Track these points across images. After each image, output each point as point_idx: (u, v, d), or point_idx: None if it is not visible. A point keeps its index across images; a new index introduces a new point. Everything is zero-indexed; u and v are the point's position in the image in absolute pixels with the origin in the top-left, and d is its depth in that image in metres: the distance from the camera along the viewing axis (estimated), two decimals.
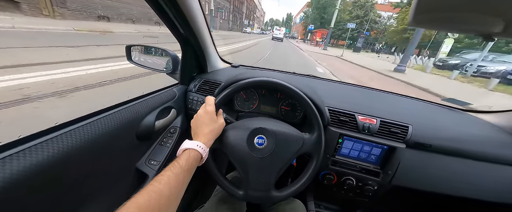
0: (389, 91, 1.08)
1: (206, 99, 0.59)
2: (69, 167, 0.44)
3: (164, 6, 0.60)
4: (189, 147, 0.48)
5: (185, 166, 0.43)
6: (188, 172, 0.44)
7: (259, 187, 0.58)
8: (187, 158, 0.45)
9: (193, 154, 0.47)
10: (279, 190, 0.60)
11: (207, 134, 0.53)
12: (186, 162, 0.44)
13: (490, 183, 0.74)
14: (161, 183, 0.37)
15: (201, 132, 0.53)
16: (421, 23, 0.38)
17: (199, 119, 0.55)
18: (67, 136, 0.43)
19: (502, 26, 0.36)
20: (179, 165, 0.42)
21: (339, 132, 0.75)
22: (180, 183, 0.40)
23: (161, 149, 0.75)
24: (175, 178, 0.39)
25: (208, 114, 0.55)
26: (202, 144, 0.50)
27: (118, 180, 0.61)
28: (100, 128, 0.50)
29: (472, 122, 0.89)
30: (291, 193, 0.61)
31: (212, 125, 0.54)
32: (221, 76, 0.97)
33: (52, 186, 0.41)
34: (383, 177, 0.76)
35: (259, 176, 0.57)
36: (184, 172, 0.42)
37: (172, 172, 0.40)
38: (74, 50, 4.28)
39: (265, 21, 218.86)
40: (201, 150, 0.49)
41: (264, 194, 0.58)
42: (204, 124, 0.54)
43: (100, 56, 3.93)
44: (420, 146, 0.73)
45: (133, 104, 0.63)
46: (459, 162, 0.74)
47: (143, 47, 0.91)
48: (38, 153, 0.38)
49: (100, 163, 0.52)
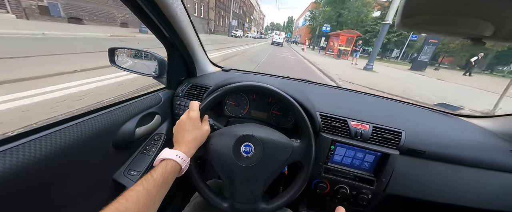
0: (381, 96, 1.07)
1: (190, 104, 0.55)
2: (31, 179, 0.39)
3: (145, 9, 0.57)
4: (167, 157, 0.44)
5: (159, 179, 0.39)
6: (163, 185, 0.40)
7: (245, 199, 0.54)
8: (163, 171, 0.41)
9: (170, 165, 0.43)
10: (267, 202, 0.57)
11: (189, 142, 0.49)
12: (161, 175, 0.40)
13: (484, 190, 0.72)
14: (129, 200, 0.33)
15: (182, 139, 0.50)
16: (408, 26, 0.37)
17: (181, 126, 0.52)
18: (29, 145, 0.39)
19: (491, 30, 0.35)
20: (153, 178, 0.39)
21: (331, 139, 0.73)
22: (152, 198, 0.36)
23: (143, 158, 0.70)
24: (145, 194, 0.36)
25: (191, 120, 0.51)
26: (182, 154, 0.46)
27: (92, 194, 0.56)
28: (70, 136, 0.46)
29: (464, 127, 0.88)
30: (281, 204, 0.57)
31: (195, 132, 0.51)
32: (210, 80, 0.94)
33: (10, 201, 0.37)
34: (377, 185, 0.73)
35: (246, 187, 0.54)
36: (158, 186, 0.38)
37: (143, 187, 0.36)
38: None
39: (266, 25, 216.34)
40: (181, 161, 0.45)
41: (251, 207, 0.54)
42: (186, 131, 0.50)
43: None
44: (413, 152, 0.71)
45: (109, 110, 0.59)
46: (453, 169, 0.72)
47: (129, 50, 0.88)
48: (5, 160, 0.34)
49: (70, 175, 0.48)
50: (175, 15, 0.64)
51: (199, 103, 0.57)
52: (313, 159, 0.58)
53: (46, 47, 4.79)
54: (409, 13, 0.36)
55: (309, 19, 40.67)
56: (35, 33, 5.89)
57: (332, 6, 28.64)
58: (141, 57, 0.90)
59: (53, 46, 5.00)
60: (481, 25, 0.35)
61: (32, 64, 3.22)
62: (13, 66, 2.97)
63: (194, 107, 0.54)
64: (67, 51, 4.68)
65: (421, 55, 14.24)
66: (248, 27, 71.44)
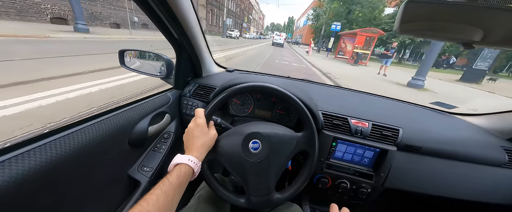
0: (380, 95, 1.11)
1: (195, 112, 0.59)
2: (58, 175, 0.42)
3: (157, 11, 0.60)
4: (180, 162, 0.48)
5: (175, 182, 0.42)
6: (179, 188, 0.43)
7: (259, 192, 0.58)
8: (178, 174, 0.44)
9: (184, 169, 0.46)
10: (280, 192, 0.61)
11: (199, 148, 0.53)
12: (176, 178, 0.43)
13: (477, 184, 0.77)
14: (150, 203, 0.36)
15: (192, 145, 0.53)
16: (406, 31, 0.40)
17: (190, 133, 0.55)
18: (56, 143, 0.42)
19: (480, 35, 0.39)
20: (169, 182, 0.42)
21: (332, 136, 0.77)
22: (170, 201, 0.40)
23: (155, 155, 0.74)
24: (164, 197, 0.39)
25: (199, 127, 0.55)
26: (193, 158, 0.49)
27: (109, 188, 0.59)
28: (91, 135, 0.49)
29: (459, 125, 0.93)
30: (293, 193, 0.61)
31: (203, 138, 0.54)
32: (215, 81, 0.98)
33: (41, 194, 0.40)
34: (376, 180, 0.77)
35: (259, 181, 0.57)
36: (174, 189, 0.42)
37: (161, 190, 0.39)
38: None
39: (266, 25, 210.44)
40: (193, 165, 0.48)
41: (266, 198, 0.58)
42: (195, 137, 0.54)
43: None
44: (410, 148, 0.76)
45: (125, 109, 0.62)
46: (447, 164, 0.77)
47: (137, 52, 0.90)
48: (27, 161, 0.37)
49: (90, 171, 0.51)
50: (186, 17, 0.67)
51: (203, 110, 0.60)
52: (317, 147, 0.62)
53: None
54: (407, 19, 0.40)
55: (311, 18, 37.12)
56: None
57: (339, 2, 24.45)
58: (149, 59, 0.93)
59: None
60: (472, 31, 0.39)
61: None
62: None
63: (199, 114, 0.57)
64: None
65: (478, 62, 10.30)
66: (247, 27, 66.38)
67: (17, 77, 2.63)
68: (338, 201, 0.70)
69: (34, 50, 4.53)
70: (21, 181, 0.35)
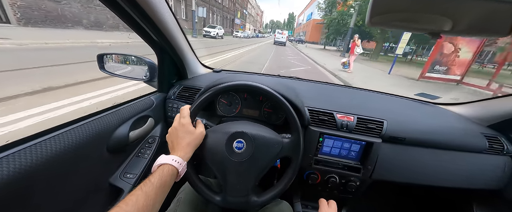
0: (365, 89, 1.13)
1: (180, 110, 0.57)
2: (30, 185, 0.40)
3: (131, 13, 0.58)
4: (164, 162, 0.46)
5: (157, 183, 0.41)
6: (161, 189, 0.42)
7: (237, 192, 0.57)
8: (161, 174, 0.43)
9: (167, 169, 0.45)
10: (258, 195, 0.60)
11: (184, 147, 0.51)
12: (158, 178, 0.42)
13: (460, 170, 0.79)
14: (129, 204, 0.35)
15: (178, 145, 0.51)
16: (377, 23, 0.41)
17: (173, 133, 0.53)
18: (26, 152, 0.40)
19: (450, 24, 0.39)
20: (151, 182, 0.40)
21: (319, 131, 0.77)
22: (151, 201, 0.38)
23: (138, 161, 0.72)
24: (144, 197, 0.37)
25: (184, 127, 0.53)
26: (178, 158, 0.48)
27: (90, 197, 0.57)
28: (65, 142, 0.47)
29: (441, 114, 0.95)
30: (271, 197, 0.60)
31: (188, 138, 0.52)
32: (201, 82, 0.96)
33: (12, 206, 0.38)
34: (364, 172, 0.78)
35: (238, 181, 0.56)
36: (156, 189, 0.40)
37: (142, 191, 0.38)
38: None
39: (265, 23, 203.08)
40: (177, 164, 0.47)
41: (243, 200, 0.57)
42: (179, 137, 0.52)
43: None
44: (395, 139, 0.77)
45: (103, 115, 0.60)
46: (431, 153, 0.78)
47: (117, 56, 0.88)
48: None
49: (66, 180, 0.49)
50: (161, 18, 0.65)
51: (189, 107, 0.58)
52: (301, 154, 0.61)
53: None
54: (377, 12, 0.40)
55: (324, 7, 25.49)
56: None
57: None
58: (130, 62, 0.90)
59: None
60: (441, 21, 0.40)
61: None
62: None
63: (184, 113, 0.55)
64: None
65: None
66: (241, 24, 52.54)
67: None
68: (329, 196, 0.71)
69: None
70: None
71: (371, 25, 0.40)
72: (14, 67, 3.32)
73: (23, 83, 2.56)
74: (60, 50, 5.54)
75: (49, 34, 7.25)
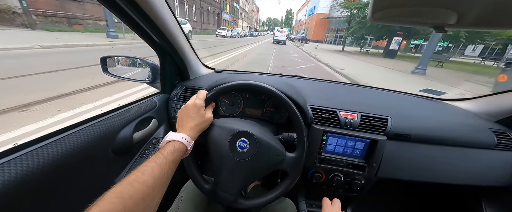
0: (368, 86, 1.11)
1: (198, 92, 0.58)
2: (37, 187, 0.41)
3: (132, 15, 0.58)
4: (174, 139, 0.47)
5: (169, 157, 0.42)
6: (173, 163, 0.43)
7: (226, 189, 0.57)
8: (172, 149, 0.44)
9: (178, 146, 0.46)
10: (245, 199, 0.60)
11: (192, 128, 0.52)
12: (171, 153, 0.43)
13: (469, 167, 0.77)
14: (145, 173, 0.36)
15: (186, 124, 0.52)
16: (379, 19, 0.40)
17: (186, 111, 0.54)
18: (33, 154, 0.41)
19: (455, 18, 0.38)
20: (164, 155, 0.41)
21: (322, 130, 0.76)
22: (165, 174, 0.39)
23: (143, 162, 0.72)
24: (159, 169, 0.38)
25: (196, 108, 0.54)
26: (187, 136, 0.49)
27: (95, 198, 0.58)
28: (69, 145, 0.48)
29: (448, 110, 0.93)
30: (259, 203, 0.59)
31: (197, 120, 0.53)
32: (204, 82, 0.96)
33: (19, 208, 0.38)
34: (369, 170, 0.77)
35: (231, 179, 0.57)
36: (169, 163, 0.41)
37: (156, 163, 0.39)
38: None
39: (262, 21, 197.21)
40: (186, 142, 0.48)
41: (230, 198, 0.57)
42: (190, 117, 0.53)
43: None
44: (400, 137, 0.75)
45: (106, 117, 0.60)
46: (438, 150, 0.77)
47: (120, 58, 0.89)
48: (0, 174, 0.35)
49: (72, 182, 0.49)
50: (162, 19, 0.65)
51: (206, 92, 0.59)
52: (299, 173, 0.61)
53: None
54: (379, 7, 0.39)
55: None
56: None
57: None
58: (133, 64, 0.91)
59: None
60: (446, 14, 0.39)
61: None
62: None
63: (200, 96, 0.57)
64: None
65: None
66: (231, 20, 41.84)
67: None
68: (334, 195, 0.70)
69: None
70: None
71: (373, 21, 0.40)
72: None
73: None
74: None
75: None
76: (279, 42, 23.23)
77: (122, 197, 0.30)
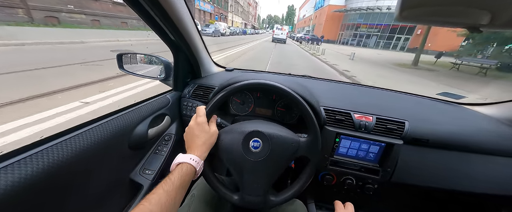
0: (384, 88, 1.08)
1: (196, 110, 0.58)
2: (57, 180, 0.42)
3: (150, 12, 0.59)
4: (182, 161, 0.47)
5: (177, 182, 0.42)
6: (181, 188, 0.43)
7: (254, 191, 0.57)
8: (180, 174, 0.44)
9: (186, 168, 0.46)
10: (276, 195, 0.59)
11: (200, 146, 0.52)
12: (179, 178, 0.43)
13: (488, 175, 0.74)
14: (152, 202, 0.36)
15: (193, 144, 0.52)
16: (407, 18, 0.38)
17: (190, 132, 0.54)
18: (53, 149, 0.42)
19: (488, 18, 0.36)
20: (171, 181, 0.41)
21: (335, 132, 0.74)
22: (172, 200, 0.39)
23: (156, 158, 0.73)
24: (166, 196, 0.38)
25: (200, 126, 0.54)
26: (195, 157, 0.49)
27: (111, 192, 0.59)
28: (90, 139, 0.49)
29: (467, 115, 0.89)
30: (288, 197, 0.59)
31: (204, 137, 0.53)
32: (215, 81, 0.97)
33: (41, 199, 0.40)
34: (382, 175, 0.75)
35: (255, 180, 0.56)
36: (177, 188, 0.41)
37: (163, 190, 0.39)
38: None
39: (262, 18, 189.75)
40: (195, 163, 0.48)
41: (260, 199, 0.57)
42: (196, 136, 0.53)
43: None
44: (417, 141, 0.73)
45: (124, 113, 0.61)
46: (458, 156, 0.74)
47: (135, 55, 0.90)
48: (24, 168, 0.37)
49: (90, 175, 0.51)
50: (180, 17, 0.66)
51: (204, 107, 0.59)
52: (319, 153, 0.60)
53: None
54: (408, 5, 0.37)
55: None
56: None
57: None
58: (147, 61, 0.93)
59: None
60: (479, 14, 0.37)
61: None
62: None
63: (200, 112, 0.56)
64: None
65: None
66: (216, 13, 33.98)
67: None
68: (345, 198, 0.69)
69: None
70: (18, 188, 0.35)
71: (401, 20, 0.38)
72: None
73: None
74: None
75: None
76: (279, 41, 22.63)
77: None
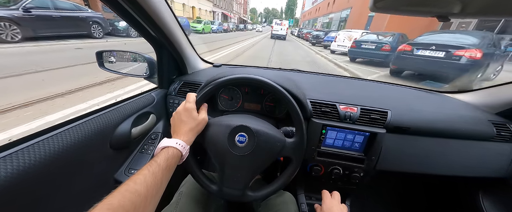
0: (368, 79, 1.10)
1: (187, 96, 0.57)
2: (30, 185, 0.41)
3: (127, 9, 0.56)
4: (168, 145, 0.46)
5: (163, 164, 0.41)
6: (167, 170, 0.42)
7: (233, 185, 0.57)
8: (166, 156, 0.43)
9: (172, 152, 0.45)
10: (254, 191, 0.60)
11: (187, 132, 0.51)
12: (164, 160, 0.42)
13: (466, 159, 0.78)
14: (137, 182, 0.35)
15: (180, 130, 0.51)
16: (381, 8, 0.39)
17: (177, 117, 0.54)
18: (30, 150, 0.40)
19: (459, 6, 0.37)
20: (157, 163, 0.41)
21: (322, 123, 0.76)
22: (158, 182, 0.39)
23: (142, 157, 0.72)
24: (152, 177, 0.38)
25: (187, 112, 0.53)
26: (181, 142, 0.48)
27: (95, 194, 0.58)
28: (68, 140, 0.47)
29: (447, 103, 0.93)
30: (266, 194, 0.60)
31: (191, 123, 0.53)
32: (202, 77, 0.95)
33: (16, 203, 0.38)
34: (368, 163, 0.78)
35: (235, 174, 0.57)
36: (163, 170, 0.40)
37: (148, 171, 0.38)
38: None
39: (259, 12, 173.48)
40: (181, 148, 0.47)
41: (238, 193, 0.57)
42: (183, 122, 0.52)
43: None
44: (399, 129, 0.75)
45: (104, 112, 0.60)
46: (437, 142, 0.77)
47: (116, 53, 0.87)
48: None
49: (70, 177, 0.49)
50: (159, 13, 0.63)
51: (195, 94, 0.58)
52: (302, 155, 0.61)
53: None
54: None
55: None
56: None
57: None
58: (129, 59, 0.89)
59: None
60: (450, 3, 0.37)
61: None
62: None
63: (190, 99, 0.56)
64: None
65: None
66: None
67: None
68: (333, 188, 0.71)
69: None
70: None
71: (375, 11, 0.38)
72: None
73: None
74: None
75: None
76: (278, 37, 20.69)
77: (113, 208, 0.30)
